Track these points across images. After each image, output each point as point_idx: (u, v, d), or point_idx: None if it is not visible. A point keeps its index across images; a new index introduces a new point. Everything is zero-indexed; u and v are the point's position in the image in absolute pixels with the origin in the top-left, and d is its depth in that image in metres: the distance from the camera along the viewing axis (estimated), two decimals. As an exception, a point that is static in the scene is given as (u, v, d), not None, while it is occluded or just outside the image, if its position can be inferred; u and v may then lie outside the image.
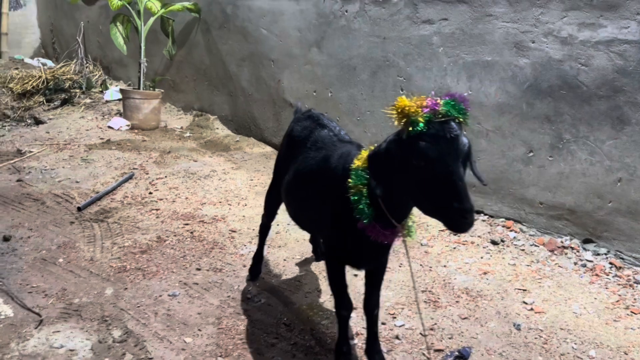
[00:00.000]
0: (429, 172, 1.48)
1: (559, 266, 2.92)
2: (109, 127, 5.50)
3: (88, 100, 6.60)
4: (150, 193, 3.85)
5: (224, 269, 2.87)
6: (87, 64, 7.38)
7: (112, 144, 4.99)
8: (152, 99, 5.52)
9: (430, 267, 2.92)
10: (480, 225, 3.43)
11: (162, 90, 5.81)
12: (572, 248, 3.03)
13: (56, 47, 8.77)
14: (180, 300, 2.56)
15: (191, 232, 3.27)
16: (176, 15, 5.69)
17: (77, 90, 6.72)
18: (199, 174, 4.24)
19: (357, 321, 2.40)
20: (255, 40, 4.99)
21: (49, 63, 8.23)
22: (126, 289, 2.64)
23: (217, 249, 3.09)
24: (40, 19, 9.10)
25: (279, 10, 4.69)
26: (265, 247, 3.10)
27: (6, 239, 3.10)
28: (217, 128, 5.58)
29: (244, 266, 2.88)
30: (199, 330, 2.34)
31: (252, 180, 4.21)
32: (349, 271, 2.14)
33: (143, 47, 5.59)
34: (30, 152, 4.69)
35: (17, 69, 7.36)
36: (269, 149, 5.02)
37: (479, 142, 3.44)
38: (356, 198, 1.74)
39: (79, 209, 3.54)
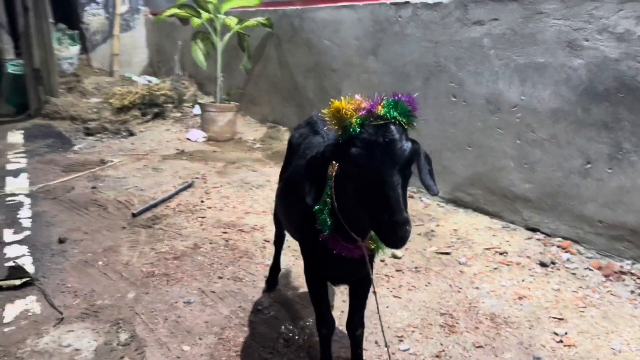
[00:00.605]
0: (362, 180, 1.34)
1: (612, 294, 2.53)
2: (188, 138, 5.80)
3: (178, 114, 7.04)
4: (202, 201, 3.98)
5: (245, 278, 2.87)
6: (182, 80, 7.89)
7: (185, 154, 5.25)
8: (226, 111, 5.73)
9: (460, 289, 2.68)
10: (532, 244, 3.10)
11: (237, 104, 6.01)
12: (632, 274, 2.62)
13: (160, 65, 9.49)
14: (193, 307, 2.60)
15: (226, 240, 3.32)
16: (252, 30, 5.88)
17: (170, 105, 7.19)
18: (253, 184, 4.31)
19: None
20: (318, 51, 4.99)
21: (154, 80, 8.92)
22: (147, 293, 2.73)
23: (245, 258, 3.10)
24: (148, 39, 9.90)
25: (340, 20, 4.65)
26: (290, 259, 3.06)
27: (61, 241, 3.36)
28: (286, 139, 5.65)
29: (265, 277, 2.86)
30: (200, 339, 2.34)
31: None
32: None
33: (219, 63, 5.83)
34: (112, 161, 5.07)
35: (123, 85, 8.06)
36: (331, 159, 4.98)
37: (534, 152, 3.12)
38: (319, 208, 1.64)
39: (134, 215, 3.74)
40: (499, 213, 3.47)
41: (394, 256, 3.04)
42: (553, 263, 2.85)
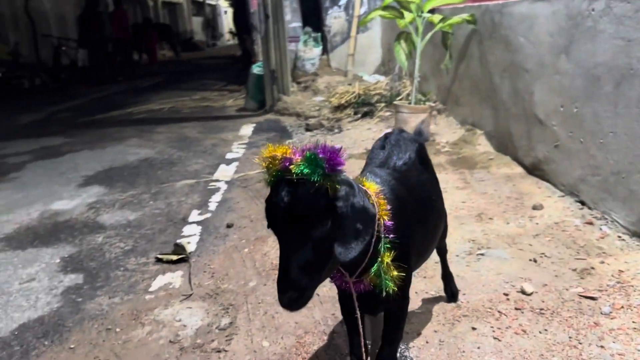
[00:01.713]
0: None
1: None
2: (381, 138, 5.90)
3: (387, 114, 7.19)
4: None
5: (353, 287, 2.86)
6: (402, 80, 8.00)
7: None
8: (419, 113, 5.65)
9: (579, 344, 2.19)
10: None
11: (433, 104, 5.85)
12: None
13: (390, 64, 9.76)
14: (293, 306, 2.71)
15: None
16: (456, 28, 5.64)
17: (382, 104, 7.40)
18: (416, 190, 4.18)
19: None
20: (514, 48, 4.53)
21: (382, 79, 9.25)
22: (265, 284, 2.95)
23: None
24: (382, 39, 10.27)
25: (534, 15, 4.13)
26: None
27: (229, 226, 3.84)
28: (480, 144, 5.28)
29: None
30: (282, 338, 2.46)
31: (464, 202, 3.90)
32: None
33: (418, 63, 5.75)
34: (306, 157, 5.51)
35: (349, 84, 8.59)
36: (518, 170, 4.49)
37: None
38: None
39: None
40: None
41: (522, 291, 2.64)
42: None
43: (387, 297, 1.60)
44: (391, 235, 1.58)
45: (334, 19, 10.42)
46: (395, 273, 1.58)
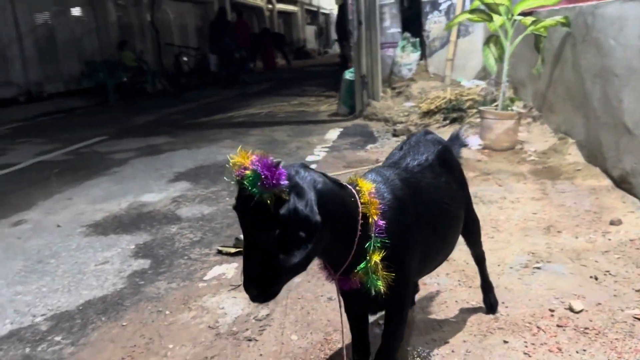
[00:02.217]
0: None
1: None
2: (464, 145, 5.72)
3: (478, 120, 6.93)
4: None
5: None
6: (498, 85, 7.68)
7: (449, 161, 5.23)
8: (505, 119, 5.40)
9: None
10: None
11: (519, 111, 5.57)
12: None
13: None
14: (330, 304, 2.76)
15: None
16: (550, 31, 5.33)
17: (474, 110, 7.15)
18: (484, 199, 4.03)
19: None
20: (604, 52, 4.19)
21: (481, 84, 8.94)
22: (309, 282, 3.02)
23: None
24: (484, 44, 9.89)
25: (624, 16, 3.81)
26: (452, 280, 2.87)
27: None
28: (569, 154, 4.93)
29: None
30: (310, 333, 2.52)
31: (535, 214, 3.68)
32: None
33: (506, 68, 5.51)
34: (377, 161, 5.50)
35: (443, 90, 8.40)
36: (605, 182, 4.15)
37: None
38: None
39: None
40: None
41: (570, 308, 2.46)
42: None
43: (381, 296, 1.61)
44: (382, 235, 1.58)
45: (434, 24, 10.24)
46: (384, 273, 1.58)
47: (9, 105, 11.47)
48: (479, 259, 2.47)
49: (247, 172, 1.30)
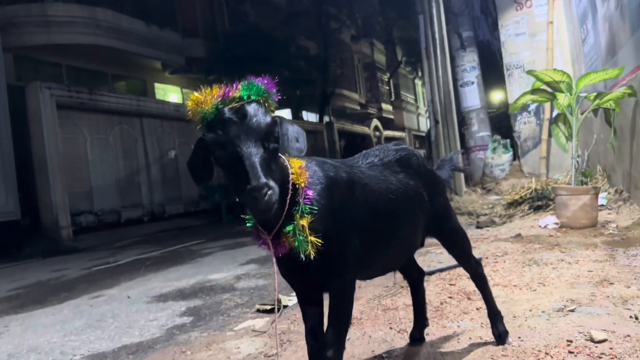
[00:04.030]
0: (225, 159, 1.51)
1: None
2: (539, 225, 5.42)
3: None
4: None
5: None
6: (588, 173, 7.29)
7: (517, 237, 4.97)
8: (580, 194, 5.08)
9: None
10: None
11: (594, 186, 5.21)
12: None
13: (589, 163, 8.94)
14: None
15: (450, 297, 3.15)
16: (621, 103, 5.14)
17: (561, 198, 6.79)
18: (540, 261, 3.74)
19: None
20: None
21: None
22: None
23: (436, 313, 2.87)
24: (581, 139, 9.54)
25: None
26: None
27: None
28: (652, 229, 4.47)
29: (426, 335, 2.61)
30: None
31: (590, 271, 3.35)
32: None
33: (575, 143, 5.32)
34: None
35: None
36: (686, 248, 3.69)
37: None
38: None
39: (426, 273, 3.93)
40: None
41: (591, 339, 2.19)
42: None
43: (314, 265, 1.64)
44: (309, 203, 1.65)
45: (524, 124, 10.18)
46: (313, 238, 1.62)
47: (134, 224, 12.92)
48: (477, 279, 2.34)
49: (235, 92, 1.52)
